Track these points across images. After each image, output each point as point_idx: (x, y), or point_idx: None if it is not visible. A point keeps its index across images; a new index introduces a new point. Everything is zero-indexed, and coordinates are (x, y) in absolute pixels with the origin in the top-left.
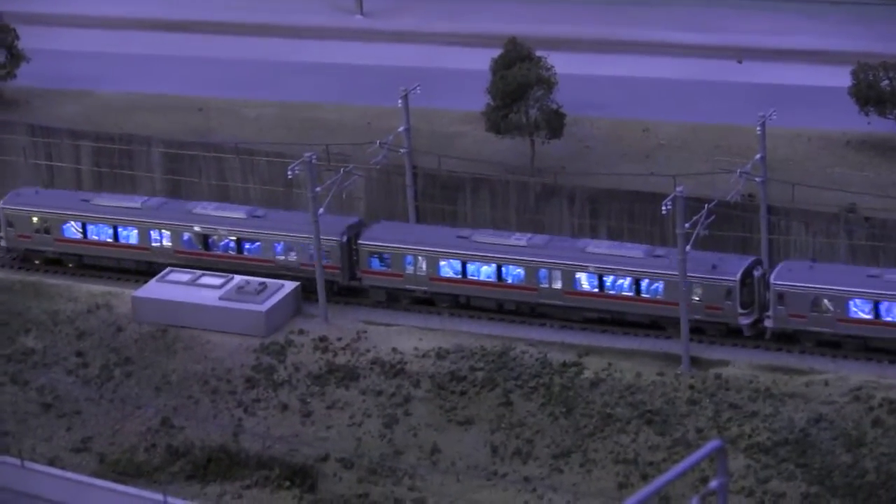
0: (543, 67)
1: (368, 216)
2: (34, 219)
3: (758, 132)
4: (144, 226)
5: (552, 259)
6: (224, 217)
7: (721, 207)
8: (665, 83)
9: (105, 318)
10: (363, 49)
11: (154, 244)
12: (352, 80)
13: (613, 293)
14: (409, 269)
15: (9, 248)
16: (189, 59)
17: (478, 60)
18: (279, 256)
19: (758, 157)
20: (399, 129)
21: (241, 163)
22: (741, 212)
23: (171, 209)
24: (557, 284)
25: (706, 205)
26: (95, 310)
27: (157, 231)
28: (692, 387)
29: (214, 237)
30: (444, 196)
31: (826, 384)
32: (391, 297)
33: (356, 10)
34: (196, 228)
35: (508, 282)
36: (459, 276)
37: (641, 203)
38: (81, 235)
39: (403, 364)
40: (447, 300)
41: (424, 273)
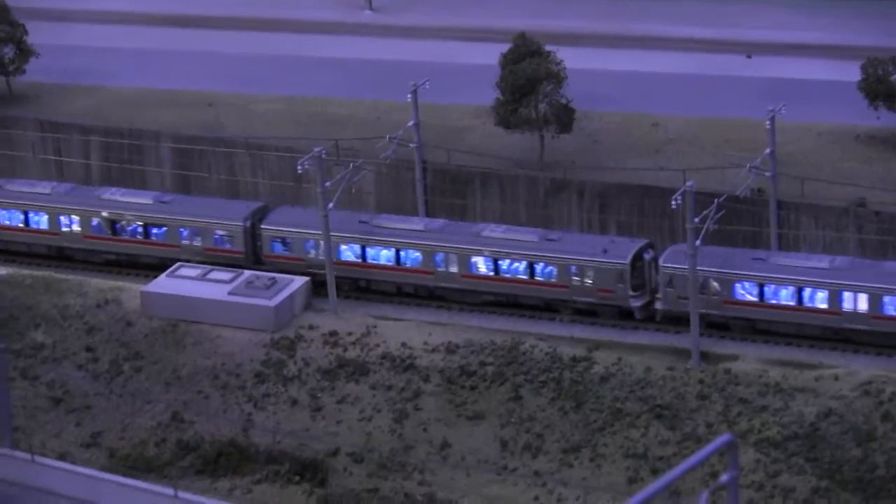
0: (553, 62)
1: (378, 211)
2: None
3: (767, 127)
4: (54, 211)
5: (448, 243)
6: (131, 203)
7: (731, 202)
8: (674, 78)
9: (114, 313)
10: (372, 44)
11: (64, 229)
12: (361, 75)
13: (509, 276)
14: (311, 254)
15: None
16: (198, 55)
17: (487, 55)
18: (184, 241)
19: (767, 152)
20: (408, 124)
21: (251, 158)
22: (751, 206)
23: (80, 195)
24: (454, 268)
25: (716, 199)
26: (105, 305)
27: (67, 216)
28: (702, 381)
29: (122, 222)
30: (454, 190)
31: (836, 379)
32: None
33: (365, 6)
34: (104, 214)
35: (407, 265)
36: (360, 260)
37: (651, 198)
38: None
39: (413, 359)
40: (347, 284)
41: (325, 257)
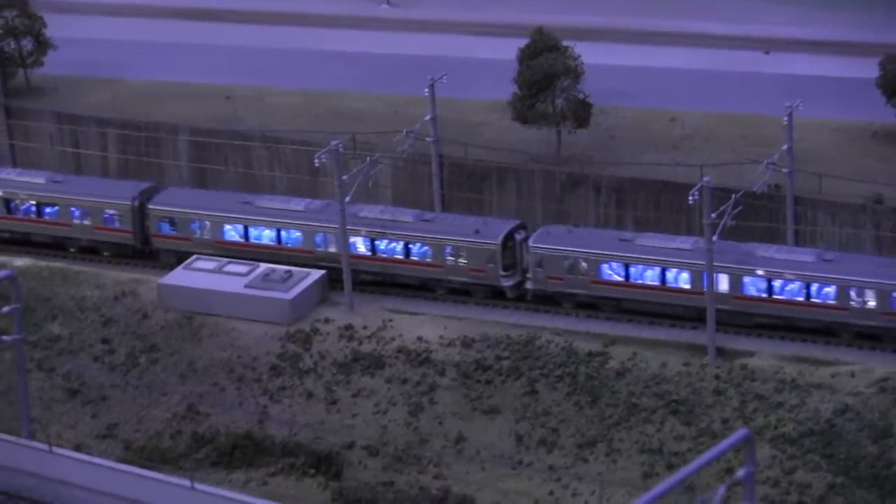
0: (570, 57)
1: (395, 204)
2: None
3: (784, 123)
4: None
5: (328, 223)
6: (25, 182)
7: (748, 198)
8: (691, 73)
9: (131, 305)
10: (390, 38)
11: None
12: (378, 69)
13: (386, 256)
14: (197, 234)
15: None
16: (216, 48)
17: (504, 50)
18: (75, 221)
19: (784, 148)
20: (425, 118)
21: (268, 151)
22: (768, 202)
23: None
24: (332, 248)
25: (733, 195)
26: (121, 297)
27: None
28: (718, 377)
29: (16, 201)
30: (471, 185)
31: (852, 375)
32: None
33: (383, 0)
34: None
35: (288, 245)
36: (243, 240)
37: (668, 193)
38: None
39: (429, 352)
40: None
41: (210, 237)
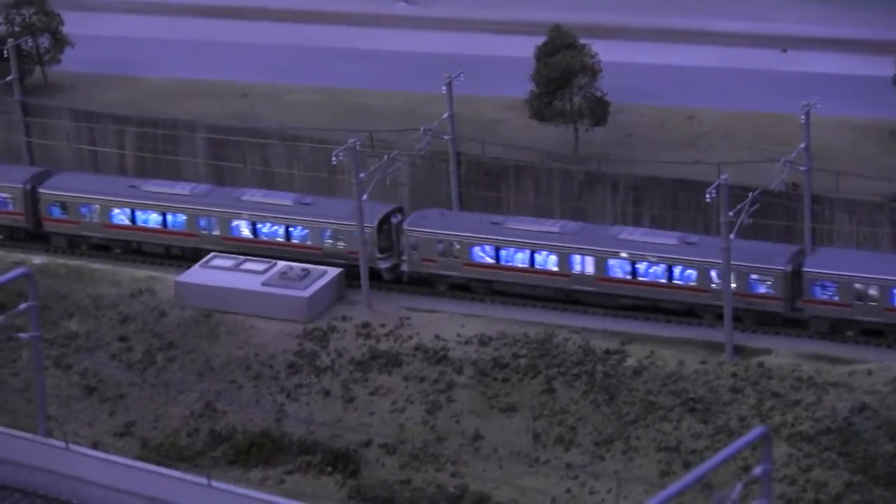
0: (587, 55)
1: (412, 202)
2: None
3: (802, 121)
4: None
5: (211, 207)
6: None
7: (765, 196)
8: (709, 71)
9: (148, 303)
10: (407, 36)
11: None
12: (396, 67)
13: (267, 239)
14: (86, 217)
15: None
16: (234, 45)
17: (522, 48)
18: None
19: (802, 146)
20: (443, 116)
21: (286, 149)
22: (785, 200)
23: None
24: (216, 231)
25: (750, 193)
26: (139, 294)
27: None
28: (735, 375)
29: None
30: (488, 183)
31: (869, 373)
32: (71, 244)
33: None
34: None
35: (173, 229)
36: (130, 224)
37: (685, 191)
38: None
39: (446, 351)
40: (120, 246)
41: (99, 221)
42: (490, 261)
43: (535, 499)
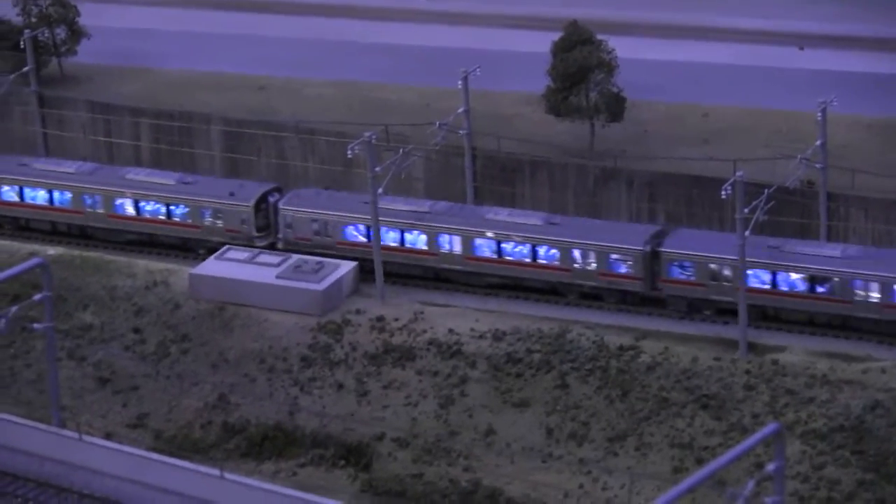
0: (604, 51)
1: (427, 197)
2: None
3: (818, 118)
4: None
5: (96, 185)
6: None
7: (781, 193)
8: (726, 68)
9: (162, 295)
10: (424, 30)
11: None
12: (412, 61)
13: (149, 217)
14: None
15: None
16: (250, 38)
17: (538, 43)
18: None
19: (818, 144)
20: (458, 111)
21: (301, 142)
22: (800, 198)
23: None
24: (101, 209)
25: (765, 190)
26: (153, 286)
27: None
28: (748, 372)
29: None
30: (503, 178)
31: (883, 371)
32: None
33: None
34: None
35: (60, 206)
36: (18, 200)
37: (700, 188)
38: None
39: (460, 345)
40: (8, 223)
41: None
42: (363, 239)
43: (548, 494)
